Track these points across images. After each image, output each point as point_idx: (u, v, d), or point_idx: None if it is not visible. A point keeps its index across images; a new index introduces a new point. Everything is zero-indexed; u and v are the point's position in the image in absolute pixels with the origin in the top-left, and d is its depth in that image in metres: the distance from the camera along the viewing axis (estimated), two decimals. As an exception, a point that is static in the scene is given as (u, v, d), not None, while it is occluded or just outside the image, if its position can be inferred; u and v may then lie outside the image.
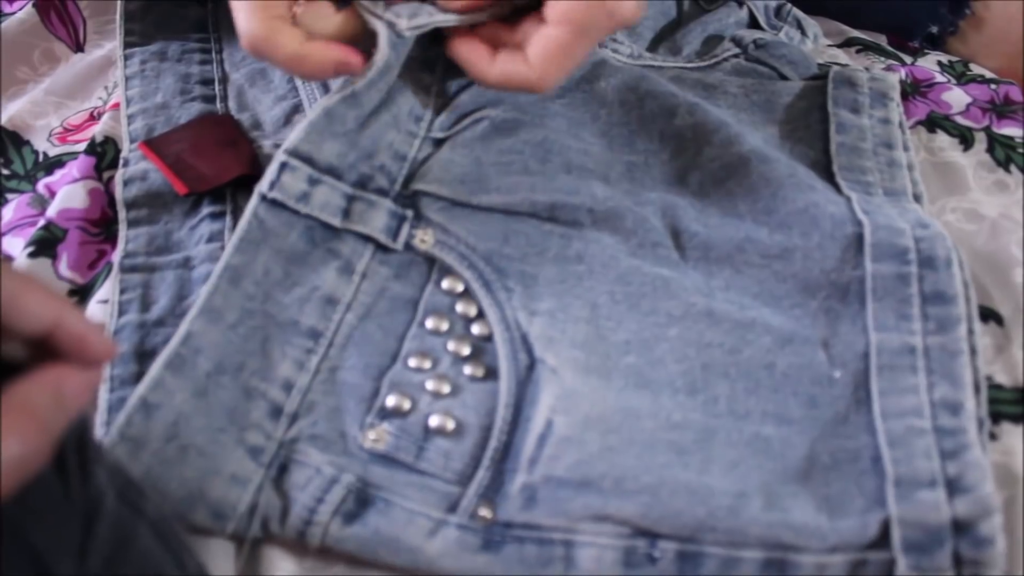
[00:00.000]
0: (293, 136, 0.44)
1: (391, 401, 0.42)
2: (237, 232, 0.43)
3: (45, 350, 0.28)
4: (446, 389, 0.42)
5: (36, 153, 0.58)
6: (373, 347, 0.44)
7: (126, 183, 0.52)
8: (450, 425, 0.41)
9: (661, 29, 0.62)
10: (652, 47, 0.60)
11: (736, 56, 0.59)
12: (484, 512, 0.39)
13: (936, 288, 0.44)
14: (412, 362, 0.43)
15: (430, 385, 0.42)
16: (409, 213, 0.46)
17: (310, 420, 0.42)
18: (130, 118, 0.56)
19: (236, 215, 0.50)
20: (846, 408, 0.42)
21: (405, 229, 0.46)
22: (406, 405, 0.42)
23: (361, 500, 0.40)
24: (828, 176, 0.50)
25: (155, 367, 0.40)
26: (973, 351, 0.42)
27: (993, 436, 0.42)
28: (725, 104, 0.55)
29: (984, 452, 0.39)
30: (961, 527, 0.37)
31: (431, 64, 0.48)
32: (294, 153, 0.44)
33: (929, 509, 0.37)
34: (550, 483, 0.39)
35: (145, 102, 0.57)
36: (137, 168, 0.53)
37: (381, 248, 0.46)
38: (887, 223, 0.46)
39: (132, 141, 0.55)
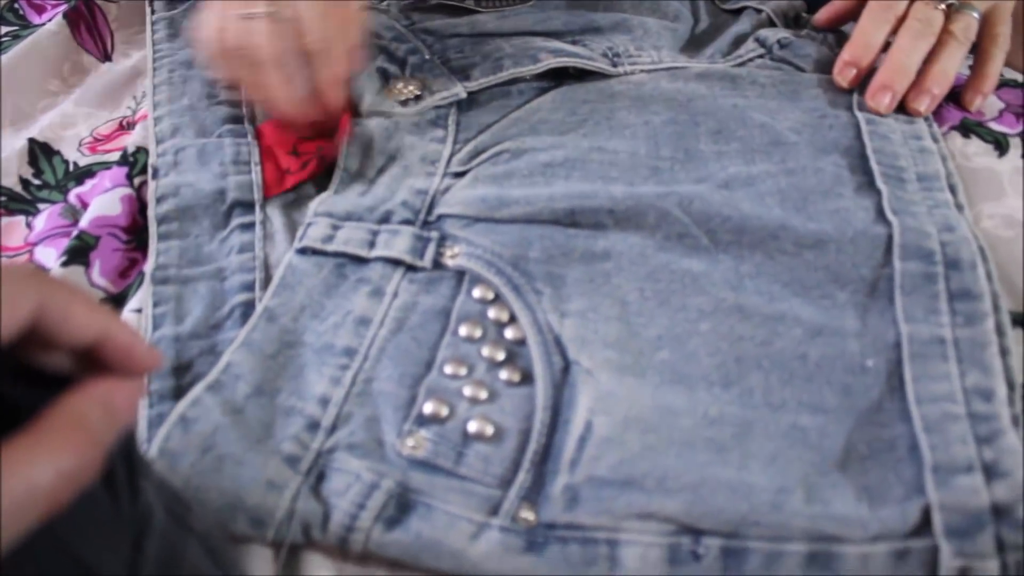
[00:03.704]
0: (311, 206, 0.50)
1: (429, 408, 0.42)
2: (274, 281, 0.47)
3: (89, 361, 0.28)
4: (483, 395, 0.42)
5: (66, 163, 0.59)
6: (408, 357, 0.44)
7: (159, 200, 0.52)
8: (489, 430, 0.41)
9: (684, 41, 0.62)
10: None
11: (761, 56, 0.59)
12: (526, 514, 0.39)
13: (962, 286, 0.44)
14: (448, 369, 0.43)
15: (467, 391, 0.42)
16: (434, 234, 0.48)
17: (347, 430, 0.42)
18: (157, 120, 0.57)
19: (265, 225, 0.51)
20: (880, 396, 0.42)
21: (431, 248, 0.47)
22: (444, 411, 0.42)
23: (402, 505, 0.40)
24: (862, 161, 0.50)
25: (196, 388, 0.41)
26: (1004, 352, 0.42)
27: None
28: (754, 95, 0.55)
29: (1018, 439, 0.39)
30: (1001, 511, 0.37)
31: (443, 117, 0.51)
32: (314, 214, 0.50)
33: (968, 494, 0.37)
34: (592, 483, 0.39)
35: (172, 105, 0.58)
36: (168, 182, 0.53)
37: (410, 269, 0.47)
38: (915, 225, 0.46)
39: (159, 142, 0.55)
